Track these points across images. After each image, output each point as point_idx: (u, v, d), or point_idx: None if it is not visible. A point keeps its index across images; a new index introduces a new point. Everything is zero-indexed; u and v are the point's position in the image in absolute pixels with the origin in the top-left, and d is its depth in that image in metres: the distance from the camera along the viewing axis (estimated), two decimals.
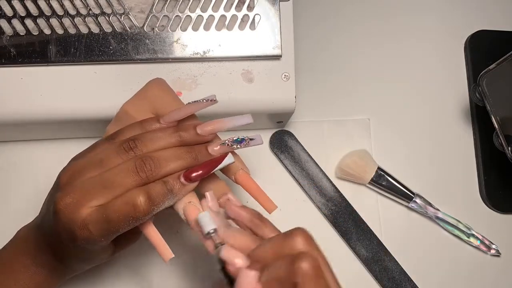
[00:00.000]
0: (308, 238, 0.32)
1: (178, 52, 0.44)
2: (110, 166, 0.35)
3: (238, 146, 0.38)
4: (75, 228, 0.34)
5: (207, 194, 0.37)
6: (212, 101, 0.38)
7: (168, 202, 0.36)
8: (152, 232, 0.37)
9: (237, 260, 0.33)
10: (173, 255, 0.36)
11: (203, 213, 0.35)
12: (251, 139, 0.39)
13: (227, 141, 0.38)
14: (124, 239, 0.40)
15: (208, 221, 0.35)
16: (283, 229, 0.50)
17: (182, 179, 0.36)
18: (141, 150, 0.36)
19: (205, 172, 0.36)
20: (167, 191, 0.35)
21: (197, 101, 0.38)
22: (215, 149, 0.38)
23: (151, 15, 0.44)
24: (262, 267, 0.32)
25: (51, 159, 0.50)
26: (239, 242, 0.35)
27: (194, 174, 0.36)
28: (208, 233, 0.34)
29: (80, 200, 0.34)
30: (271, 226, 0.38)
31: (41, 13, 0.43)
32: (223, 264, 0.33)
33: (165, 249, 0.37)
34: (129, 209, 0.34)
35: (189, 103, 0.38)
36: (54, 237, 0.36)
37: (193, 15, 0.44)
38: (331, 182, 0.52)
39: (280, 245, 0.32)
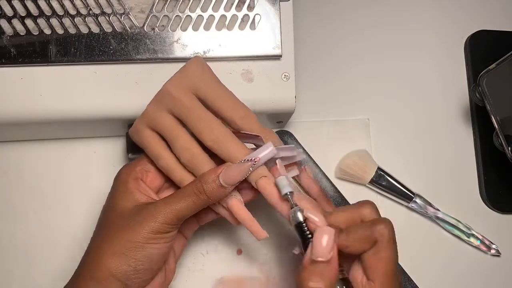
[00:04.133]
0: (376, 209, 0.38)
1: (178, 52, 0.44)
2: None
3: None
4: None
5: (278, 161, 0.39)
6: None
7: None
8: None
9: (319, 218, 0.36)
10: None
11: (281, 177, 0.37)
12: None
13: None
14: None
15: (286, 184, 0.37)
16: (281, 230, 0.50)
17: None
18: None
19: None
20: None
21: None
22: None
23: (151, 15, 0.44)
24: (336, 231, 0.35)
25: (51, 159, 0.50)
26: (308, 206, 0.37)
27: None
28: (286, 194, 0.37)
29: None
30: (332, 205, 0.43)
31: (41, 13, 0.43)
32: (298, 222, 0.36)
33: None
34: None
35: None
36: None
37: (193, 15, 0.44)
38: (331, 182, 0.52)
39: (353, 213, 0.38)
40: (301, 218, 0.36)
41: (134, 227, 0.38)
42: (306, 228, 0.36)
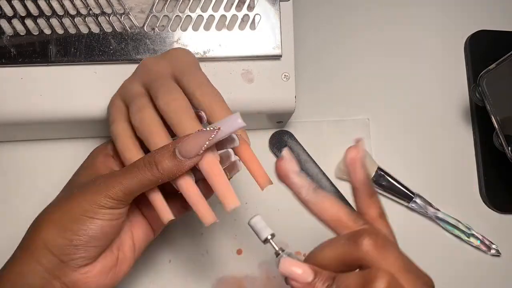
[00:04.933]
0: (377, 242, 0.30)
1: None
2: None
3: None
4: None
5: (284, 153, 0.32)
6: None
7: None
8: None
9: (301, 276, 0.30)
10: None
11: (254, 219, 0.32)
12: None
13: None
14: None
15: (262, 227, 0.32)
16: (282, 229, 0.50)
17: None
18: None
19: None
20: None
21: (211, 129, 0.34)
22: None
23: (151, 15, 0.44)
24: (327, 275, 0.30)
25: (51, 159, 0.50)
26: (329, 209, 0.32)
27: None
28: (266, 239, 0.31)
29: None
30: (377, 201, 0.34)
31: (41, 13, 0.43)
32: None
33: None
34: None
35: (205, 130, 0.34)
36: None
37: (193, 15, 0.44)
38: (330, 182, 0.52)
39: (347, 251, 0.30)
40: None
41: (77, 198, 0.35)
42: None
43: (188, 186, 0.35)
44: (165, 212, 0.36)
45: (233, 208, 0.34)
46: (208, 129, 0.34)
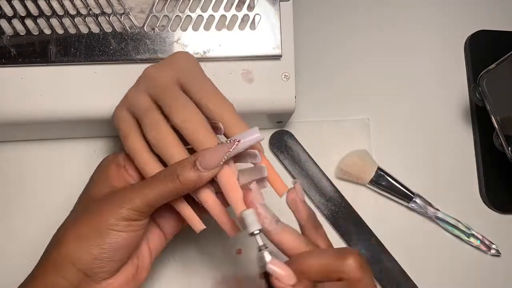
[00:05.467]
0: (361, 265, 0.32)
1: None
2: None
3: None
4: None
5: (252, 186, 0.34)
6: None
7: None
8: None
9: (285, 278, 0.32)
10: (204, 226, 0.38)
11: (247, 211, 0.33)
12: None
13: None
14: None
15: (253, 221, 0.33)
16: None
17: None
18: None
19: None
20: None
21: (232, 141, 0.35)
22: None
23: (151, 15, 0.44)
24: (308, 282, 0.32)
25: (51, 159, 0.50)
26: (288, 240, 0.34)
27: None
28: (252, 233, 0.33)
29: None
30: (323, 233, 0.37)
31: (41, 13, 0.42)
32: (264, 271, 0.32)
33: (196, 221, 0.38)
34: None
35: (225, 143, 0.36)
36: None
37: (193, 15, 0.44)
38: (330, 182, 0.52)
39: (332, 263, 0.32)
40: (266, 267, 0.32)
41: (101, 212, 0.35)
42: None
43: (210, 200, 0.37)
44: (197, 223, 0.38)
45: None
46: (228, 141, 0.35)
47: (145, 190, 0.36)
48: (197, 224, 0.38)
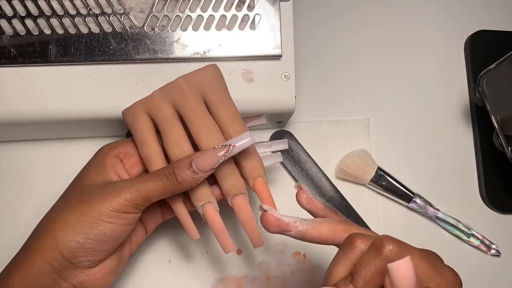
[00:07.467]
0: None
1: (178, 52, 0.44)
2: None
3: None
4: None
5: (266, 208, 0.37)
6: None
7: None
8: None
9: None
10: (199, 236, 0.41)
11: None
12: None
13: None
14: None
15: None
16: None
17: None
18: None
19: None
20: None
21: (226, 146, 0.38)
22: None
23: (151, 15, 0.44)
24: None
25: (51, 159, 0.50)
26: (326, 228, 0.35)
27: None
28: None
29: None
30: (341, 215, 0.38)
31: (41, 13, 0.43)
32: None
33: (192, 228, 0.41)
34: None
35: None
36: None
37: (193, 15, 0.44)
38: (330, 182, 0.52)
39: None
40: None
41: (94, 201, 0.36)
42: None
43: (213, 216, 0.39)
44: (193, 231, 0.41)
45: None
46: (222, 146, 0.38)
47: (143, 184, 0.37)
48: (193, 232, 0.41)
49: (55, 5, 0.43)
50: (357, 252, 0.31)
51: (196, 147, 0.39)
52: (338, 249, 0.33)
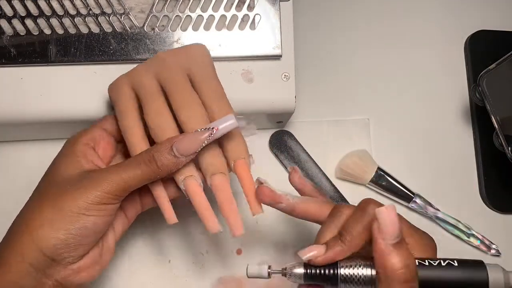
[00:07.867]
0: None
1: None
2: None
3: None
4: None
5: (262, 180, 0.37)
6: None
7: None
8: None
9: (317, 250, 0.33)
10: (177, 220, 0.38)
11: (249, 270, 0.34)
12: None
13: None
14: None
15: (258, 268, 0.34)
16: (280, 229, 0.50)
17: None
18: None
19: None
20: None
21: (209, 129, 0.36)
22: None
23: (151, 15, 0.44)
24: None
25: (51, 159, 0.50)
26: (312, 206, 0.37)
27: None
28: (269, 274, 0.34)
29: None
30: (328, 198, 0.40)
31: (41, 13, 0.43)
32: (305, 274, 0.33)
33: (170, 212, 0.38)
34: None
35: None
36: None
37: (193, 15, 0.44)
38: (330, 182, 0.52)
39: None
40: (302, 270, 0.33)
41: (71, 195, 0.34)
42: (316, 270, 0.33)
43: (195, 191, 0.37)
44: (171, 214, 0.38)
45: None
46: (205, 129, 0.36)
47: (122, 173, 0.35)
48: (171, 215, 0.38)
49: (55, 5, 0.43)
50: (343, 216, 0.34)
51: (179, 127, 0.38)
52: None
